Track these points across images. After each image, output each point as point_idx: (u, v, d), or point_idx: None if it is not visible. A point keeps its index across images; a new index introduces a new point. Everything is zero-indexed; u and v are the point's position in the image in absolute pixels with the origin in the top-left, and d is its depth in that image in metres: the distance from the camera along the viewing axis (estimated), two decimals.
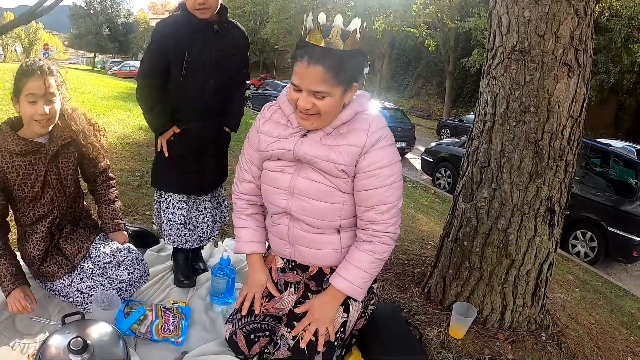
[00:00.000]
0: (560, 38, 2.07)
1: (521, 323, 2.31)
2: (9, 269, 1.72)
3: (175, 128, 2.05)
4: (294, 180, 1.54)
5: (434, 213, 5.56)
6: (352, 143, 1.45)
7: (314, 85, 1.35)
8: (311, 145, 1.49)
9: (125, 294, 1.94)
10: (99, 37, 37.80)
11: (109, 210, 2.08)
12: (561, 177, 2.20)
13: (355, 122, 1.47)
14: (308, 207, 1.54)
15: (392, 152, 1.49)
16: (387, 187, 1.47)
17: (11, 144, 1.70)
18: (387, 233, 1.51)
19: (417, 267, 2.92)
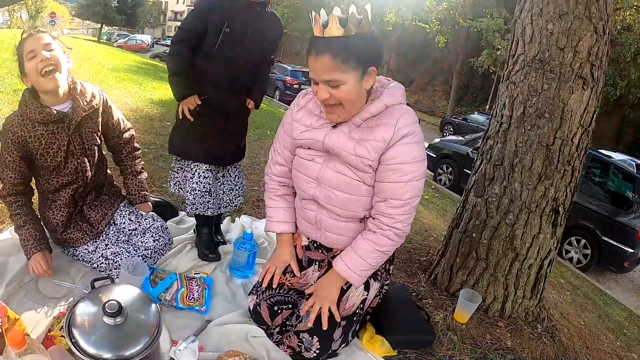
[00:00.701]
0: (579, 53, 2.21)
1: (520, 314, 2.47)
2: (32, 233, 1.76)
3: (196, 98, 2.08)
4: (322, 170, 1.58)
5: (435, 207, 5.68)
6: (378, 139, 1.45)
7: (325, 75, 1.37)
8: (340, 137, 1.51)
9: (150, 261, 1.98)
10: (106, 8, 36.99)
11: (136, 181, 2.11)
12: (567, 181, 2.35)
13: (384, 116, 1.47)
14: (333, 197, 1.58)
15: (416, 149, 1.47)
16: (404, 184, 1.47)
17: (33, 112, 1.70)
18: (392, 228, 1.52)
19: (423, 255, 3.08)
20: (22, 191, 1.81)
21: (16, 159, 1.73)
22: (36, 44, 1.67)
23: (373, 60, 1.40)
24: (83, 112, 1.80)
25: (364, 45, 1.35)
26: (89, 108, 1.83)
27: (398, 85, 1.56)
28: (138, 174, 2.13)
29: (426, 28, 19.94)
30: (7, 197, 1.78)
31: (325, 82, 1.38)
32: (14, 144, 1.71)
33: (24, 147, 1.73)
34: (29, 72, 1.68)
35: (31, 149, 1.74)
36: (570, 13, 2.20)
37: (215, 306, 1.97)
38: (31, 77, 1.69)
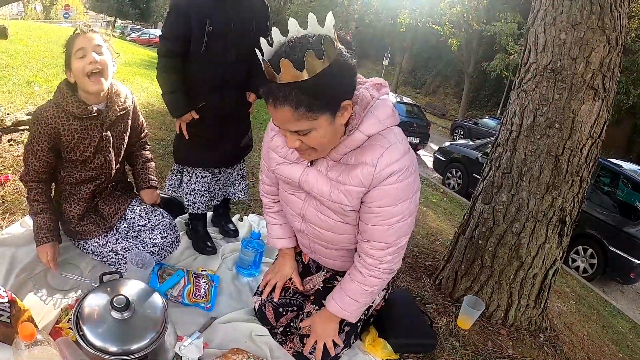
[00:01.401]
0: (591, 63, 2.21)
1: (522, 322, 2.47)
2: (47, 223, 1.77)
3: (193, 113, 2.05)
4: (304, 207, 1.49)
5: (442, 212, 5.68)
6: (355, 183, 1.29)
7: (289, 126, 1.16)
8: (317, 178, 1.37)
9: (157, 258, 2.00)
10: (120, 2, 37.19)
11: (145, 167, 2.12)
12: (575, 192, 2.34)
13: (365, 152, 1.27)
14: (319, 235, 1.52)
15: (403, 189, 1.28)
16: (387, 227, 1.34)
17: (70, 105, 1.71)
18: (378, 268, 1.42)
19: (429, 260, 3.08)
20: (44, 179, 1.83)
21: (45, 149, 1.75)
22: (87, 43, 1.68)
23: (347, 94, 1.18)
24: (117, 113, 1.84)
25: (331, 82, 1.09)
26: (122, 109, 1.87)
27: (384, 103, 1.30)
28: (147, 161, 2.15)
29: (439, 30, 19.88)
30: (28, 182, 1.80)
31: (291, 132, 1.19)
32: (46, 134, 1.72)
33: (55, 139, 1.74)
34: (75, 71, 1.69)
35: (62, 142, 1.76)
36: (583, 23, 2.19)
37: (221, 303, 1.98)
38: (76, 75, 1.70)
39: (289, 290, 1.82)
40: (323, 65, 1.04)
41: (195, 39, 1.93)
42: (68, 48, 1.71)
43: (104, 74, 1.71)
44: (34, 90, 4.78)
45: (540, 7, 2.36)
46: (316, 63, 1.03)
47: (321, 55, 1.03)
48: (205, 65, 1.99)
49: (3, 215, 2.26)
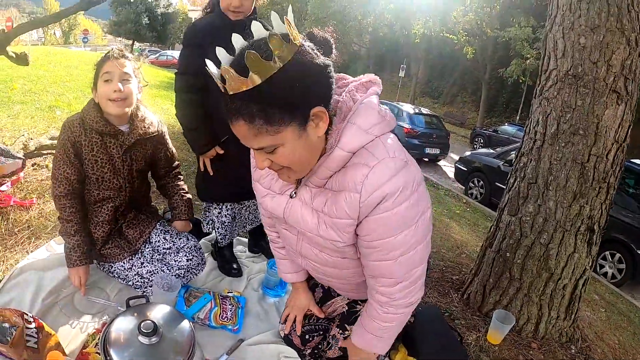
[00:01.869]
0: (612, 67, 2.16)
1: (553, 335, 2.40)
2: (80, 245, 1.78)
3: (218, 149, 2.01)
4: (299, 244, 1.30)
5: (466, 222, 5.59)
6: (341, 215, 1.08)
7: (249, 143, 0.98)
8: (301, 210, 1.16)
9: (183, 280, 2.01)
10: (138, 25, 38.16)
11: (183, 198, 2.12)
12: (603, 199, 2.28)
13: (347, 174, 1.04)
14: (322, 271, 1.36)
15: (401, 216, 1.04)
16: (391, 262, 1.12)
17: (94, 119, 1.74)
18: (393, 305, 1.22)
19: (455, 274, 3.03)
20: (77, 191, 1.84)
21: (71, 155, 1.77)
22: (115, 69, 1.71)
23: (317, 99, 0.95)
24: (137, 136, 1.85)
25: (291, 86, 0.90)
26: (144, 134, 1.88)
27: (367, 107, 1.05)
28: (186, 192, 2.16)
29: (454, 39, 19.81)
30: (61, 198, 1.80)
31: (257, 150, 1.01)
32: (69, 141, 1.76)
33: (76, 146, 1.78)
34: (100, 93, 1.73)
35: (82, 152, 1.79)
36: (602, 26, 2.15)
37: (248, 325, 1.97)
38: (100, 97, 1.74)
39: (312, 317, 1.75)
40: (275, 68, 0.87)
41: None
42: (97, 69, 1.75)
43: (126, 102, 1.75)
44: (56, 114, 4.91)
45: (558, 12, 2.33)
46: (264, 66, 0.86)
47: (269, 56, 0.86)
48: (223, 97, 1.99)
49: (29, 240, 2.30)
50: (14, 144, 3.51)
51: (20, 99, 5.34)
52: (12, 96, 5.42)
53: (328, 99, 0.99)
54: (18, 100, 5.28)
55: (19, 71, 6.08)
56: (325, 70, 0.96)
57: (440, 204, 6.14)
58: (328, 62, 0.97)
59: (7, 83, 6.05)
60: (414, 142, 11.08)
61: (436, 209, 5.60)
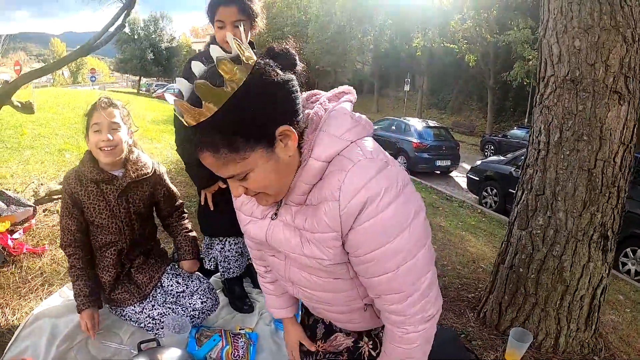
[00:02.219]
0: (610, 66, 2.11)
1: (574, 347, 2.31)
2: (83, 289, 1.82)
3: (220, 183, 2.04)
4: (287, 269, 1.18)
5: (482, 233, 5.51)
6: (323, 229, 0.98)
7: (221, 173, 0.93)
8: (283, 231, 1.08)
9: (197, 321, 2.02)
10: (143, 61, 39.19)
11: (187, 238, 2.14)
12: (614, 204, 2.21)
13: (325, 183, 0.96)
14: (316, 298, 1.22)
15: (389, 219, 0.93)
16: (391, 274, 1.00)
17: (87, 170, 1.83)
18: (410, 323, 1.07)
19: (471, 291, 2.96)
20: (80, 241, 1.90)
21: (70, 206, 1.86)
22: (103, 119, 1.77)
23: (281, 118, 0.89)
24: (130, 179, 1.89)
25: (250, 108, 0.84)
26: (137, 176, 1.92)
27: (339, 113, 1.00)
28: (189, 231, 2.17)
29: (455, 48, 19.88)
30: (66, 247, 1.88)
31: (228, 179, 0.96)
32: (67, 194, 1.85)
33: (74, 198, 1.85)
34: (90, 142, 1.80)
35: (80, 202, 1.85)
36: (595, 26, 2.11)
37: None
38: (91, 146, 1.81)
39: (317, 354, 1.62)
40: (228, 93, 0.82)
41: None
42: (87, 119, 1.81)
43: (116, 150, 1.81)
44: (66, 158, 5.00)
45: (549, 16, 2.29)
46: (216, 93, 0.81)
47: (221, 82, 0.82)
48: None
49: (42, 286, 2.33)
50: (25, 190, 3.57)
51: (30, 144, 5.45)
52: (22, 141, 5.54)
53: (294, 116, 0.92)
54: (28, 145, 5.39)
55: (29, 115, 6.22)
56: (286, 86, 0.89)
57: (454, 217, 6.06)
58: (289, 76, 0.91)
59: (17, 128, 6.19)
60: (424, 156, 11.05)
61: (450, 222, 5.52)
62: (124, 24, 3.68)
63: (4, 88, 3.13)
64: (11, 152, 4.96)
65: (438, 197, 7.53)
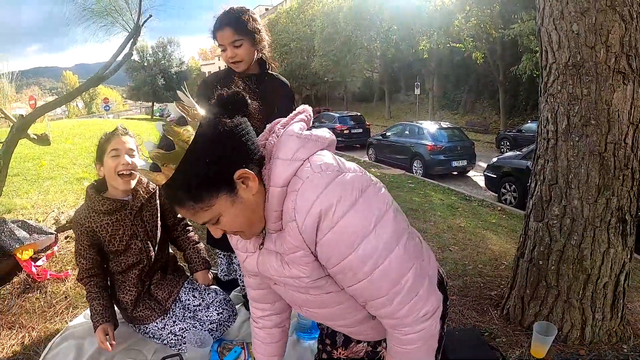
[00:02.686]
0: (611, 47, 2.07)
1: (602, 337, 2.26)
2: (97, 308, 1.88)
3: None
4: (288, 294, 1.20)
5: (503, 230, 5.42)
6: (290, 249, 1.02)
7: (195, 220, 0.97)
8: (268, 258, 1.12)
9: (217, 334, 2.05)
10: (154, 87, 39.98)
11: (195, 249, 2.20)
12: (629, 186, 2.17)
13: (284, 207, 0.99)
14: (320, 315, 1.24)
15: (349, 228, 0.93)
16: (365, 281, 0.99)
17: (97, 204, 1.87)
18: (406, 325, 1.05)
19: (494, 289, 2.91)
20: (96, 274, 1.96)
21: (86, 247, 1.91)
22: (122, 145, 1.84)
23: (236, 163, 0.93)
24: (143, 199, 1.97)
25: (203, 164, 0.88)
26: (147, 193, 2.00)
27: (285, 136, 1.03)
28: (196, 243, 2.23)
29: (461, 47, 19.78)
30: (82, 279, 1.94)
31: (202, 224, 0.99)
32: (84, 234, 1.90)
33: (92, 236, 1.90)
34: (107, 168, 1.85)
35: (99, 237, 1.90)
36: (591, 8, 2.07)
37: None
38: (107, 172, 1.86)
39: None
40: (180, 154, 0.87)
41: None
42: (103, 144, 1.87)
43: (133, 175, 1.88)
44: (84, 185, 5.10)
45: (545, 4, 2.27)
46: (169, 157, 0.87)
47: (170, 146, 0.88)
48: None
49: (67, 310, 2.39)
50: (46, 219, 3.66)
51: (49, 175, 5.60)
52: (41, 172, 5.70)
53: (247, 157, 0.95)
54: (47, 176, 5.53)
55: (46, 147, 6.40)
56: (235, 132, 0.92)
57: (474, 217, 5.98)
58: (237, 121, 0.94)
59: (36, 160, 6.37)
60: (439, 158, 10.97)
61: (470, 222, 5.46)
62: (131, 52, 3.78)
63: (19, 122, 3.23)
64: (31, 183, 5.10)
65: (457, 198, 7.45)
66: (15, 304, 2.40)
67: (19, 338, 2.12)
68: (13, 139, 3.19)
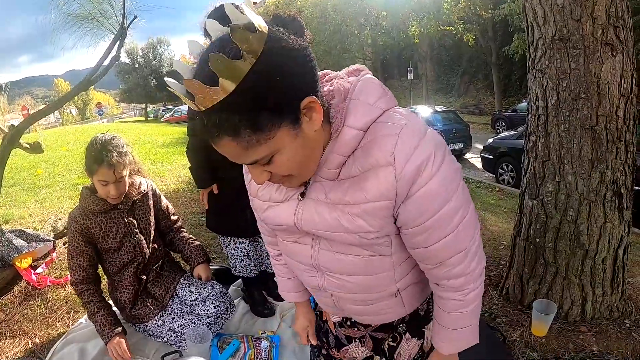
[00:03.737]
0: (597, 19, 2.03)
1: (603, 313, 2.25)
2: (107, 318, 1.89)
3: (214, 187, 2.22)
4: (315, 254, 1.09)
5: (502, 211, 5.43)
6: (374, 197, 0.90)
7: (243, 159, 0.83)
8: (316, 210, 0.98)
9: (215, 327, 2.06)
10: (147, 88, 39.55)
11: (192, 247, 2.23)
12: (623, 159, 2.15)
13: (371, 151, 0.88)
14: (347, 285, 1.11)
15: (443, 180, 0.89)
16: (453, 234, 0.95)
17: (91, 204, 1.91)
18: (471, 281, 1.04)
19: (493, 269, 2.91)
20: (92, 276, 1.97)
21: (81, 244, 1.92)
22: (109, 177, 1.83)
23: (305, 88, 0.80)
24: (134, 198, 2.01)
25: (271, 81, 0.73)
26: (138, 194, 2.04)
27: (368, 82, 0.94)
28: (193, 241, 2.26)
29: (452, 30, 19.67)
30: (78, 284, 1.94)
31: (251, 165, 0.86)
32: (78, 232, 1.91)
33: (87, 233, 1.93)
34: (97, 187, 1.88)
35: (93, 234, 1.93)
36: None
37: None
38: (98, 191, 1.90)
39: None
40: (247, 66, 0.70)
41: None
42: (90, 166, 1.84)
43: (122, 197, 1.94)
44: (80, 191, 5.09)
45: None
46: (234, 66, 0.70)
47: (236, 54, 0.70)
48: None
49: (68, 314, 2.40)
50: (44, 227, 3.65)
51: (45, 183, 5.58)
52: (37, 181, 5.68)
53: (316, 86, 0.83)
54: (43, 184, 5.52)
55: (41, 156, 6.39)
56: (304, 53, 0.79)
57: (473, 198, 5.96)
58: (304, 43, 0.81)
59: (32, 170, 6.35)
60: None
61: None
62: (118, 55, 3.74)
63: (11, 132, 3.20)
64: (27, 192, 5.09)
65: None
66: (17, 312, 2.42)
67: (22, 345, 2.13)
68: (5, 150, 3.16)
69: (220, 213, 2.28)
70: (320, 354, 1.51)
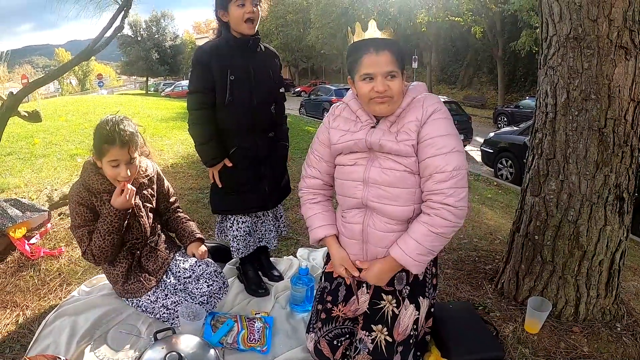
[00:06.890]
0: (614, 21, 2.00)
1: (596, 315, 2.26)
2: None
3: (227, 161, 2.15)
4: (367, 170, 1.60)
5: (499, 205, 5.43)
6: (411, 119, 1.54)
7: (386, 67, 1.50)
8: (382, 133, 1.57)
9: (208, 306, 2.06)
10: (148, 62, 39.24)
11: (187, 225, 2.23)
12: (628, 163, 2.13)
13: (413, 104, 1.58)
14: (383, 194, 1.58)
15: (446, 124, 1.54)
16: (442, 156, 1.49)
17: (96, 183, 1.89)
18: (445, 205, 1.48)
19: (489, 263, 2.91)
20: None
21: (86, 214, 1.91)
22: (123, 156, 1.82)
23: (405, 64, 1.58)
24: (140, 180, 2.02)
25: (402, 49, 1.59)
26: (145, 177, 2.05)
27: (419, 84, 1.68)
28: (188, 220, 2.26)
29: (460, 21, 19.49)
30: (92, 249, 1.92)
31: (385, 74, 1.50)
32: (82, 205, 1.89)
33: (90, 207, 1.91)
34: (106, 173, 1.87)
35: (96, 209, 1.92)
36: None
37: (278, 344, 2.00)
38: (106, 174, 1.88)
39: (338, 319, 1.80)
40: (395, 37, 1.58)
41: (220, 88, 2.05)
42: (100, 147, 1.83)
43: (131, 180, 1.91)
44: (77, 162, 5.06)
45: None
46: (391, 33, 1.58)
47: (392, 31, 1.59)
48: (233, 112, 2.08)
49: (60, 287, 2.39)
50: (39, 197, 3.62)
51: (42, 152, 5.54)
52: (34, 151, 5.63)
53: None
54: (40, 153, 5.47)
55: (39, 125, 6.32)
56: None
57: (470, 191, 5.98)
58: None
59: (29, 139, 6.29)
60: None
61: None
62: (122, 25, 3.66)
63: (9, 100, 3.15)
64: (24, 162, 5.05)
65: None
66: (9, 283, 2.39)
67: (13, 317, 2.11)
68: (3, 117, 3.11)
69: (234, 190, 2.21)
70: (319, 319, 1.81)
